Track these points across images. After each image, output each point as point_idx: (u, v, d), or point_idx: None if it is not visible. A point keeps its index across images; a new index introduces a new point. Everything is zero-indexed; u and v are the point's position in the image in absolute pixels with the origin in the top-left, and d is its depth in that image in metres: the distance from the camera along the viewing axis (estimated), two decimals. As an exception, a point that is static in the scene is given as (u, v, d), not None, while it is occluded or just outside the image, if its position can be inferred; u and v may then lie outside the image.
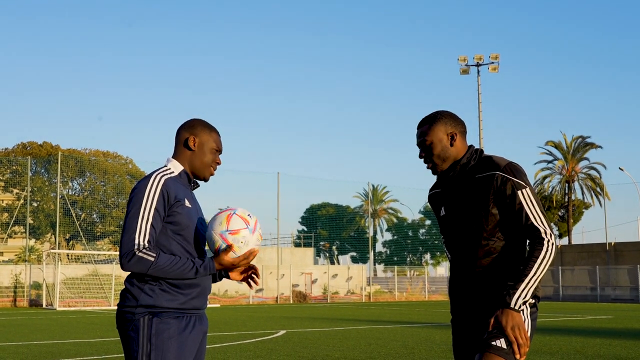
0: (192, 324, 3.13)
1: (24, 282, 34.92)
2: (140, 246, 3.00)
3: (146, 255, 2.99)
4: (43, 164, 54.51)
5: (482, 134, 47.90)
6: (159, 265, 3.00)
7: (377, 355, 11.22)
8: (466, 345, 3.30)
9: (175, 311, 3.07)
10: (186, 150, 3.30)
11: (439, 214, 3.42)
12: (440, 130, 3.29)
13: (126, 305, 3.08)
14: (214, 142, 3.34)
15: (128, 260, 2.99)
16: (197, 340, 3.15)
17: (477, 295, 3.23)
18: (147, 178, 3.14)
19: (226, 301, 38.69)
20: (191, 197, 3.26)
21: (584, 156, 56.23)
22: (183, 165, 3.29)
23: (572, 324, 20.25)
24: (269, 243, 53.88)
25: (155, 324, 3.02)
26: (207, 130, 3.34)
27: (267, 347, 12.65)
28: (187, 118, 3.43)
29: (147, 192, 3.08)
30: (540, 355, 10.91)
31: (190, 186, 3.32)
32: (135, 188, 3.12)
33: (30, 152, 55.20)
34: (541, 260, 3.05)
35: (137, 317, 3.04)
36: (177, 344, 3.04)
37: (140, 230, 3.02)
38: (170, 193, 3.11)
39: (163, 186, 3.11)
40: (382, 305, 36.06)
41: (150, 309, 3.04)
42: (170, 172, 3.22)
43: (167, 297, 3.05)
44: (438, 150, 3.28)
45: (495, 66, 47.87)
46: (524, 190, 3.14)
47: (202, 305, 3.21)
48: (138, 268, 3.00)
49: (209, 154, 3.32)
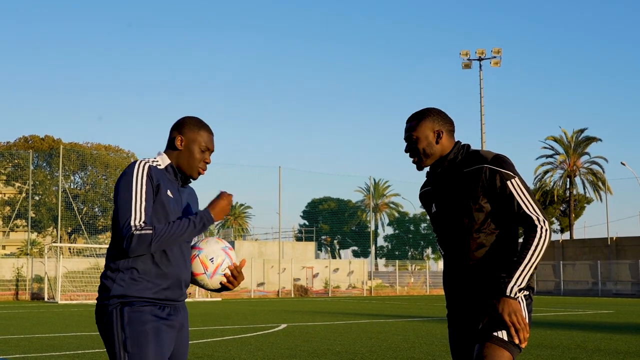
0: (166, 314, 3.09)
1: (26, 276, 34.99)
2: (137, 227, 2.99)
3: (145, 232, 2.99)
4: (45, 157, 54.55)
5: (484, 128, 47.88)
6: (159, 236, 3.00)
7: (378, 349, 11.24)
8: (463, 338, 3.32)
9: (148, 301, 3.04)
10: (173, 149, 3.27)
11: (430, 211, 3.46)
12: (427, 127, 3.35)
13: (101, 298, 3.07)
14: (203, 141, 3.28)
15: (129, 244, 2.97)
16: (173, 330, 3.11)
17: (472, 288, 3.25)
18: (133, 163, 3.14)
19: (227, 295, 38.75)
20: (176, 190, 3.24)
21: (585, 150, 56.16)
22: (171, 161, 3.28)
23: (573, 318, 20.27)
24: (270, 237, 53.98)
25: (127, 312, 3.00)
26: (196, 129, 3.29)
27: (268, 340, 12.68)
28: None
29: (135, 176, 3.07)
30: (541, 350, 10.92)
31: (177, 181, 3.28)
32: (123, 173, 3.11)
33: (32, 146, 55.24)
34: (535, 247, 3.09)
35: (111, 309, 3.03)
36: (152, 330, 3.01)
37: (135, 213, 3.01)
38: (154, 178, 3.10)
39: (148, 171, 3.10)
40: (383, 300, 36.10)
41: (122, 299, 3.02)
42: (156, 164, 3.20)
43: (138, 287, 3.03)
44: (423, 146, 3.34)
45: (498, 60, 47.81)
46: (513, 180, 3.18)
47: (177, 297, 3.16)
48: (140, 247, 2.99)
49: (196, 154, 3.26)
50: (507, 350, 3.05)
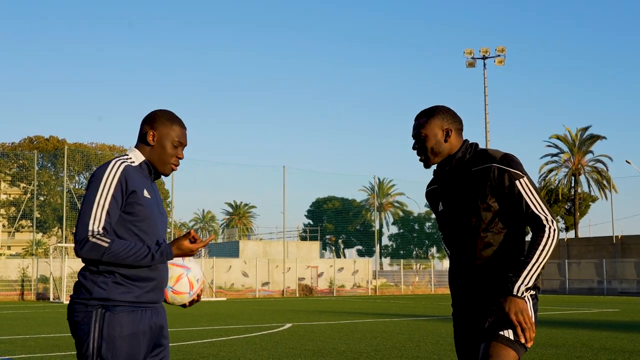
0: (146, 318, 3.03)
1: (31, 276, 35.07)
2: (94, 232, 2.91)
3: (100, 241, 2.90)
4: (50, 158, 54.68)
5: (488, 127, 47.83)
6: (112, 251, 2.90)
7: (383, 348, 11.23)
8: (469, 337, 3.30)
9: (130, 305, 2.97)
10: (145, 144, 3.17)
11: (437, 209, 3.44)
12: (437, 125, 3.32)
13: (79, 298, 2.98)
14: (175, 136, 3.17)
15: (81, 247, 2.90)
16: (153, 335, 3.07)
17: (479, 287, 3.24)
18: (106, 164, 3.03)
19: (232, 294, 38.77)
20: (151, 188, 3.15)
21: (589, 149, 56.02)
22: (144, 156, 3.18)
23: (579, 317, 20.23)
24: (275, 237, 54.00)
25: (108, 317, 2.93)
26: (168, 124, 3.17)
27: (273, 340, 12.68)
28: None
29: (105, 178, 2.97)
30: (546, 348, 10.90)
31: (151, 177, 3.19)
32: (94, 174, 3.02)
33: (36, 146, 55.36)
34: (543, 247, 3.08)
35: (90, 310, 2.95)
36: (130, 339, 2.95)
37: (95, 217, 2.92)
38: (129, 182, 3.00)
39: (122, 173, 3.00)
40: (388, 299, 36.08)
41: (103, 302, 2.94)
42: (131, 162, 3.10)
43: (121, 290, 2.96)
44: (431, 144, 3.31)
45: (502, 59, 47.74)
46: (521, 180, 3.17)
47: (158, 299, 3.11)
48: (92, 254, 2.91)
49: (168, 149, 3.16)
50: (513, 350, 3.04)
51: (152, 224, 3.08)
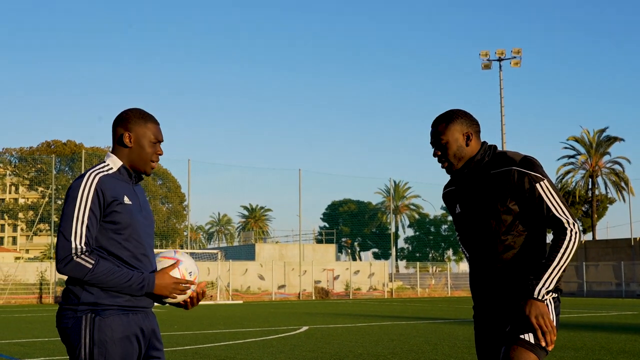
0: (137, 321, 3.01)
1: (50, 279, 35.31)
2: (77, 250, 2.89)
3: (84, 262, 2.88)
4: (67, 162, 55.09)
5: (504, 129, 47.60)
6: (95, 274, 2.88)
7: (400, 350, 11.21)
8: (489, 340, 3.29)
9: (119, 308, 2.96)
10: (122, 147, 3.12)
11: (454, 211, 3.41)
12: (457, 130, 3.27)
13: (68, 304, 2.97)
14: (152, 134, 3.14)
15: (64, 265, 2.88)
16: (145, 338, 3.05)
17: (501, 290, 3.22)
18: (81, 177, 2.99)
19: (249, 297, 38.83)
20: (132, 193, 3.11)
21: (607, 150, 55.62)
22: (122, 161, 3.12)
23: (597, 319, 20.07)
24: (291, 240, 54.03)
25: (98, 322, 2.91)
26: (142, 122, 3.13)
27: (290, 343, 12.69)
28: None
29: (81, 193, 2.94)
30: (565, 351, 10.84)
31: (132, 181, 3.15)
32: (70, 188, 2.98)
33: (54, 151, 55.83)
34: (564, 250, 3.05)
35: (80, 315, 2.93)
36: (121, 342, 2.94)
37: (76, 233, 2.90)
38: (106, 192, 2.96)
39: (97, 184, 2.96)
40: (404, 302, 35.99)
41: (93, 307, 2.93)
42: (107, 169, 3.07)
43: (109, 295, 2.95)
44: (454, 150, 3.27)
45: (518, 61, 47.51)
46: (542, 183, 3.14)
47: (147, 304, 3.08)
48: (74, 273, 2.89)
49: (147, 148, 3.13)
50: (533, 353, 3.02)
51: (135, 230, 3.04)
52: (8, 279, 34.89)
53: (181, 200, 61.43)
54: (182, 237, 60.26)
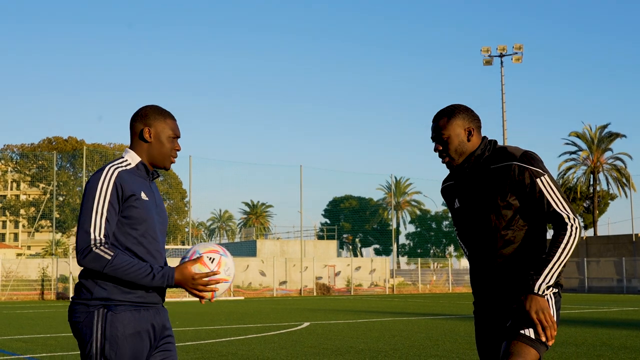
0: (149, 317, 3.03)
1: (51, 276, 35.36)
2: (97, 241, 2.92)
3: (103, 253, 2.91)
4: (68, 158, 55.10)
5: (506, 125, 47.57)
6: (114, 265, 2.90)
7: (402, 346, 11.22)
8: (490, 336, 3.29)
9: (131, 304, 2.98)
10: (142, 142, 3.17)
11: (452, 206, 3.41)
12: (459, 125, 3.27)
13: (80, 298, 2.99)
14: (171, 130, 3.20)
15: (84, 257, 2.91)
16: (156, 333, 3.07)
17: (501, 285, 3.22)
18: (100, 171, 3.03)
19: (250, 293, 38.87)
20: (149, 189, 3.15)
21: (608, 147, 55.56)
22: (141, 156, 3.17)
23: (598, 315, 20.08)
24: (292, 236, 54.06)
25: (110, 317, 2.93)
26: (162, 118, 3.19)
27: (291, 338, 12.71)
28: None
29: (100, 186, 2.98)
30: (566, 347, 10.85)
31: (149, 177, 3.19)
32: (89, 182, 3.01)
33: (55, 147, 55.83)
34: (565, 245, 3.05)
35: (92, 310, 2.95)
36: (133, 337, 2.96)
37: (95, 225, 2.93)
38: (125, 186, 3.00)
39: (116, 179, 3.00)
40: (405, 298, 36.02)
41: (105, 302, 2.95)
42: (126, 164, 3.11)
43: (122, 290, 2.97)
44: (455, 145, 3.26)
45: (519, 57, 47.40)
46: (542, 178, 3.14)
47: (159, 300, 3.11)
48: (93, 265, 2.91)
49: (167, 144, 3.18)
50: (534, 348, 3.03)
51: (150, 226, 3.07)
52: (10, 275, 34.93)
53: (182, 197, 61.43)
54: (183, 233, 60.31)
